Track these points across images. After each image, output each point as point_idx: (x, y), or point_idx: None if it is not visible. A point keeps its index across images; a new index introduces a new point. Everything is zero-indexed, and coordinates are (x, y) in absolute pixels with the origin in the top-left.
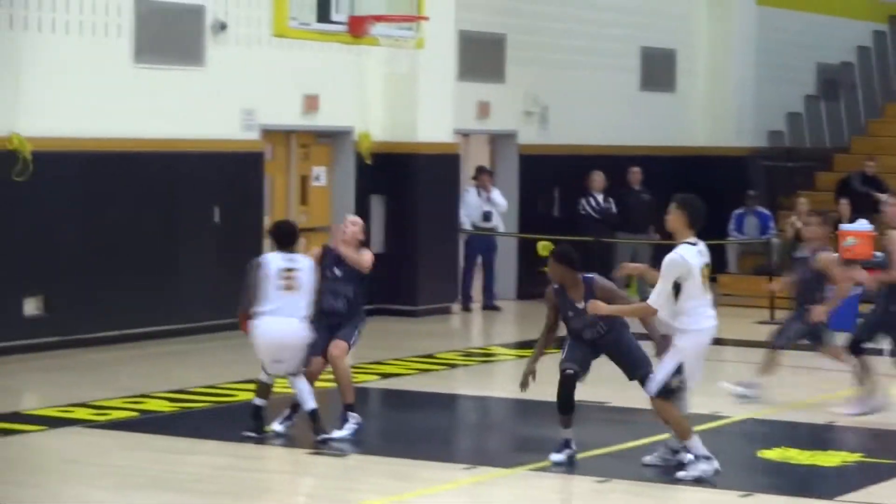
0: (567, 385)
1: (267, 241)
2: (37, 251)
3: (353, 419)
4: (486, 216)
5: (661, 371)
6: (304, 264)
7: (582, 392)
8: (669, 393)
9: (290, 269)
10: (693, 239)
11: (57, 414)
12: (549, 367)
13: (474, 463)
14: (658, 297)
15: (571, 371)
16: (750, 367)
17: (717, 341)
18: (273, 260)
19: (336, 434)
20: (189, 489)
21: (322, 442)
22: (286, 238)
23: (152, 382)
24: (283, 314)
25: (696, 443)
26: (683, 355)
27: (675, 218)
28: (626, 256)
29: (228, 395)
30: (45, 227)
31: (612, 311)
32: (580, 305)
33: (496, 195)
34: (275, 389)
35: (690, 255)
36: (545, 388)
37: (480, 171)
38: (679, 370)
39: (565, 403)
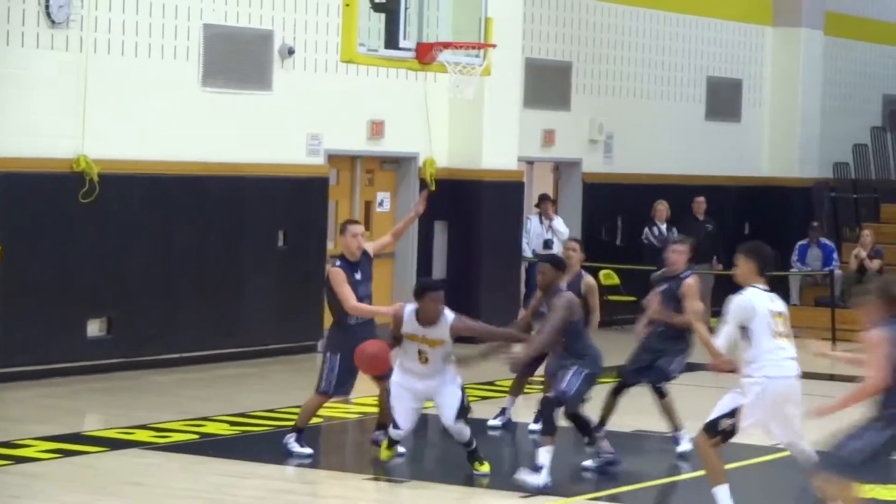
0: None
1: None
2: (102, 273)
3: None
4: (547, 244)
5: (716, 407)
6: None
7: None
8: (716, 432)
9: None
10: (764, 286)
11: (118, 435)
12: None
13: (531, 492)
14: (722, 339)
15: None
16: (813, 398)
17: None
18: None
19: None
20: None
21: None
22: None
23: (213, 406)
24: None
25: (722, 493)
26: (744, 401)
27: (744, 267)
28: None
29: (288, 419)
30: (111, 248)
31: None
32: None
33: (558, 223)
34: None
35: (759, 299)
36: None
37: (543, 198)
38: (733, 413)
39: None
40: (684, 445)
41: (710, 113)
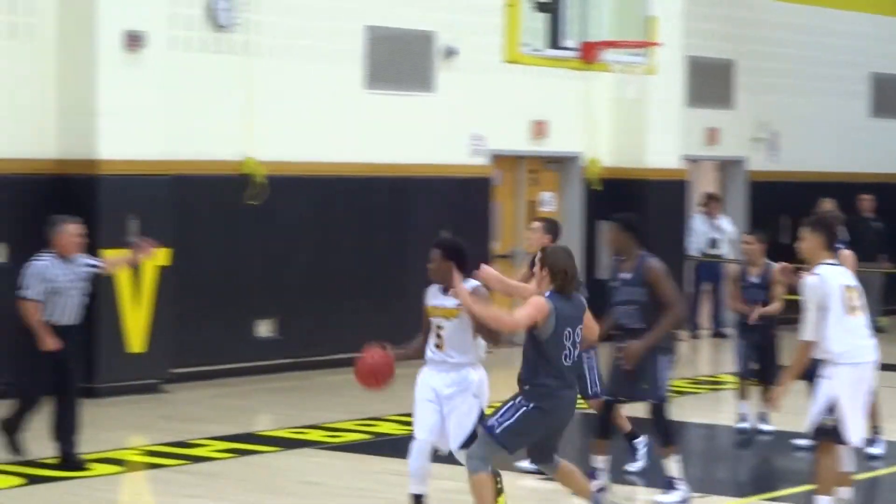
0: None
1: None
2: (270, 274)
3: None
4: (714, 243)
5: (812, 411)
6: None
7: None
8: (824, 434)
9: None
10: (831, 260)
11: (290, 435)
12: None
13: (706, 492)
14: (808, 327)
15: None
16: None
17: None
18: None
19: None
20: None
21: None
22: None
23: (384, 405)
24: None
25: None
26: (833, 390)
27: (809, 241)
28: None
29: None
30: (278, 249)
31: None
32: None
33: (724, 222)
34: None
35: (831, 275)
36: (779, 418)
37: (709, 197)
38: (832, 408)
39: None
40: (876, 448)
41: (875, 110)
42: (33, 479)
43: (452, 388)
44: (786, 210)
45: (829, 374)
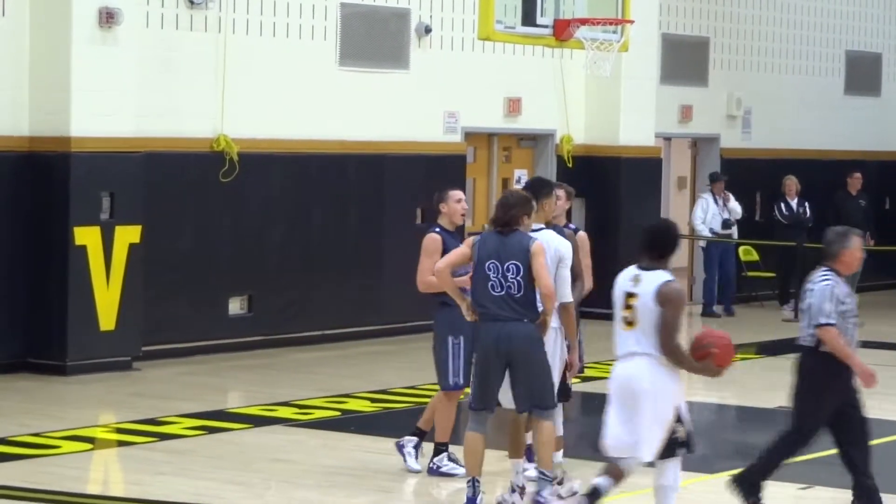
0: None
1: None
2: (242, 251)
3: None
4: (726, 223)
5: None
6: None
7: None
8: None
9: None
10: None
11: (261, 412)
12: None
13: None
14: None
15: None
16: None
17: None
18: None
19: None
20: (391, 489)
21: None
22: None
23: (354, 383)
24: None
25: None
26: None
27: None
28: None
29: (429, 396)
30: (251, 227)
31: None
32: None
33: (733, 203)
34: None
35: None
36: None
37: (714, 178)
38: None
39: None
40: None
41: (850, 87)
42: (1, 458)
43: None
44: (758, 187)
45: None
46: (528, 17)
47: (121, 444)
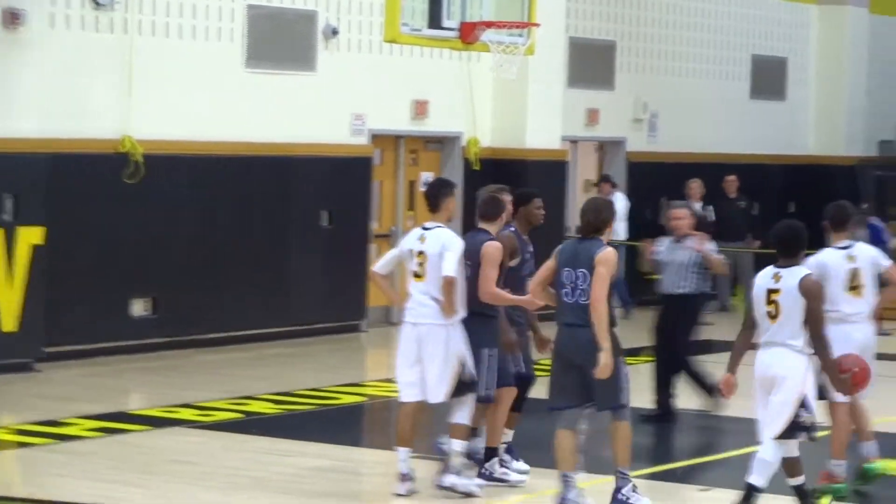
0: None
1: (373, 246)
2: (146, 253)
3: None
4: None
5: None
6: None
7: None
8: None
9: None
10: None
11: (162, 414)
12: None
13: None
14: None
15: None
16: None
17: None
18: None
19: None
20: (292, 490)
21: None
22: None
23: (258, 384)
24: None
25: None
26: None
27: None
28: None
29: (332, 397)
30: (156, 229)
31: None
32: None
33: (619, 198)
34: None
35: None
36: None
37: (604, 179)
38: None
39: None
40: None
41: (755, 91)
42: None
43: None
44: (664, 190)
45: None
46: (434, 20)
47: (20, 445)
